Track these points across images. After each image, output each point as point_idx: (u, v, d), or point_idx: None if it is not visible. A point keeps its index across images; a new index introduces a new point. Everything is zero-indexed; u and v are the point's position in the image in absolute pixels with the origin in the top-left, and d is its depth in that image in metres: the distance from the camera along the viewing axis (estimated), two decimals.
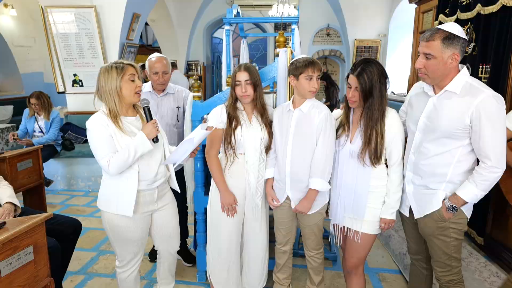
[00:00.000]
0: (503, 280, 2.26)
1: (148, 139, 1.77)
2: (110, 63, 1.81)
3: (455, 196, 1.61)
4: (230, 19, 3.72)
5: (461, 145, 1.60)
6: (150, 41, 10.06)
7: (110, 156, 1.73)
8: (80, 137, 4.91)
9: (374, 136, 1.72)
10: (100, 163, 1.76)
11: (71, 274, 2.69)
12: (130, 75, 1.78)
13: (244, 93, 1.93)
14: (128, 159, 1.73)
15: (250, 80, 1.93)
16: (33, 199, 3.17)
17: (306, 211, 1.95)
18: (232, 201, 2.02)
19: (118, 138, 1.76)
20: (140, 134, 1.78)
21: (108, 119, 1.76)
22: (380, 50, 7.62)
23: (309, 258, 2.12)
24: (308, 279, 2.20)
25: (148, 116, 1.85)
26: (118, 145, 1.76)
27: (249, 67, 1.97)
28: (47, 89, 7.05)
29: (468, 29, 2.99)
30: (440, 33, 1.54)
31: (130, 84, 1.79)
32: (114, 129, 1.76)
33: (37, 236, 1.61)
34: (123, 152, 1.73)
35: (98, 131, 1.75)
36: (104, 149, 1.74)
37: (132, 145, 1.74)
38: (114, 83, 1.75)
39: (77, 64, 4.80)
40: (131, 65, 1.82)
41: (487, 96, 1.50)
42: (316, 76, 1.86)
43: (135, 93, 1.81)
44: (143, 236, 1.95)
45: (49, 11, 4.53)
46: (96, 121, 1.76)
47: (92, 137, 1.77)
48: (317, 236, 2.07)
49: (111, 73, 1.76)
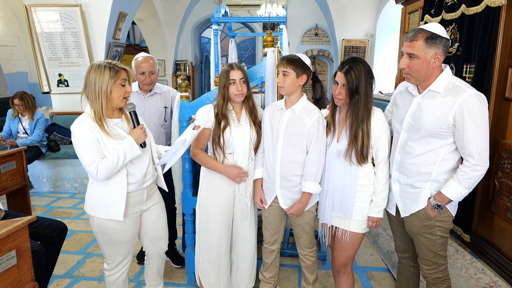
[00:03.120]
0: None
1: (136, 144, 1.74)
2: (102, 61, 1.74)
3: (440, 195, 1.63)
4: (218, 19, 3.71)
5: (445, 144, 1.62)
6: (138, 40, 9.95)
7: (98, 162, 1.68)
8: (65, 138, 4.83)
9: (360, 134, 1.73)
10: (88, 169, 1.70)
11: (57, 278, 2.64)
12: (122, 80, 1.74)
13: (240, 92, 1.94)
14: (117, 165, 1.69)
15: (244, 79, 1.95)
16: (17, 202, 3.10)
17: (299, 213, 1.96)
18: (238, 169, 1.99)
19: (105, 142, 1.71)
20: (128, 139, 1.74)
21: (94, 122, 1.71)
22: (368, 50, 7.69)
23: (302, 256, 2.13)
24: (303, 279, 2.20)
25: (135, 120, 1.81)
26: (105, 149, 1.71)
27: (241, 66, 1.99)
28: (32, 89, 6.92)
29: (452, 29, 3.03)
30: (423, 33, 1.56)
31: (120, 88, 1.74)
32: (100, 133, 1.71)
33: (20, 240, 1.57)
34: (112, 158, 1.68)
35: (84, 136, 1.68)
36: (92, 154, 1.69)
37: (121, 150, 1.70)
38: (105, 85, 1.69)
39: (62, 64, 4.72)
40: (124, 69, 1.76)
41: (469, 95, 1.52)
42: (282, 71, 1.87)
43: (124, 98, 1.77)
44: (133, 237, 1.93)
45: (33, 10, 4.44)
46: (82, 125, 1.69)
47: (78, 142, 1.70)
48: (309, 235, 2.08)
49: (104, 73, 1.69)
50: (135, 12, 5.40)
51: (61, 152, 4.56)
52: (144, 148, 1.81)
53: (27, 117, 4.35)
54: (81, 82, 4.84)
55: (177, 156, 1.86)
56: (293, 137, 1.91)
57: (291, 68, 1.85)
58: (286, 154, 1.93)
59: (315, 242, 2.14)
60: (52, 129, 4.78)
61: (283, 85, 1.88)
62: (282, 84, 1.88)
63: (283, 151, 1.93)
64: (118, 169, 1.72)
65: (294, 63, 1.86)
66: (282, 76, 1.88)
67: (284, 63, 1.86)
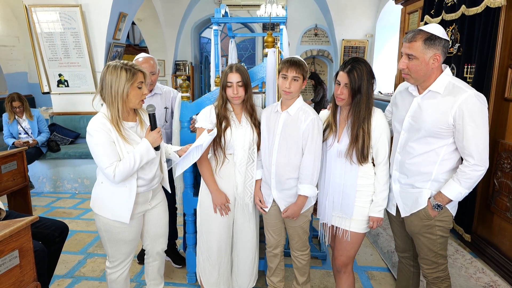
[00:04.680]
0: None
1: (152, 147, 1.75)
2: (118, 62, 1.70)
3: (440, 195, 1.64)
4: (218, 19, 3.71)
5: (445, 144, 1.63)
6: (137, 40, 9.95)
7: (115, 164, 1.67)
8: (66, 138, 4.84)
9: (361, 134, 1.74)
10: (105, 172, 1.68)
11: (58, 278, 2.64)
12: (139, 83, 1.72)
13: (236, 95, 1.93)
14: (134, 168, 1.70)
15: (241, 82, 1.92)
16: (17, 202, 3.10)
17: (295, 216, 1.96)
18: (224, 200, 2.02)
19: (121, 145, 1.71)
20: (144, 141, 1.73)
21: (110, 124, 1.69)
22: (367, 50, 7.70)
23: (294, 258, 2.13)
24: (294, 279, 2.21)
25: (153, 123, 1.80)
26: (120, 152, 1.71)
27: (240, 68, 1.95)
28: (32, 89, 6.92)
29: (453, 29, 3.04)
30: (422, 34, 1.57)
31: (137, 91, 1.72)
32: (116, 136, 1.70)
33: (22, 240, 1.58)
34: (129, 161, 1.68)
35: (101, 137, 1.66)
36: (109, 157, 1.67)
37: (137, 153, 1.70)
38: (122, 87, 1.66)
39: (62, 64, 4.72)
40: (141, 71, 1.74)
41: (469, 95, 1.53)
42: (291, 76, 1.83)
43: (141, 100, 1.77)
44: (136, 236, 1.94)
45: (33, 10, 4.45)
46: (98, 126, 1.67)
47: (94, 144, 1.67)
48: (301, 238, 2.07)
49: (120, 75, 1.66)
50: (135, 12, 5.41)
51: (61, 152, 4.56)
52: (157, 151, 1.82)
53: (25, 117, 4.36)
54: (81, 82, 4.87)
55: (191, 161, 1.88)
56: (289, 139, 1.91)
57: (300, 73, 1.83)
58: (281, 157, 1.92)
59: (309, 246, 2.13)
60: (52, 129, 4.79)
61: (292, 90, 1.84)
62: (292, 89, 1.84)
63: (279, 153, 1.92)
64: (134, 171, 1.72)
65: (302, 68, 1.84)
66: (291, 81, 1.83)
67: (294, 68, 1.82)
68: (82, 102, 4.86)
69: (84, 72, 4.73)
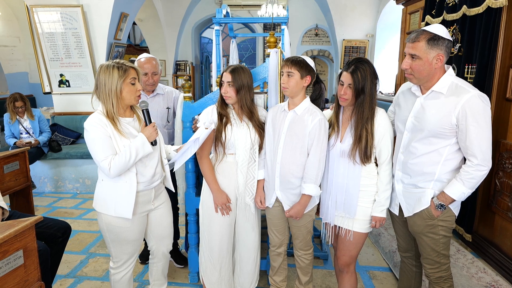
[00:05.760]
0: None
1: (148, 141, 1.77)
2: (110, 61, 1.76)
3: (443, 194, 1.65)
4: (220, 19, 3.72)
5: (448, 144, 1.63)
6: (138, 40, 9.96)
7: (111, 158, 1.71)
8: (67, 138, 4.84)
9: (364, 134, 1.74)
10: (100, 165, 1.72)
11: (60, 277, 2.65)
12: (132, 79, 1.76)
13: (225, 94, 1.97)
14: (129, 161, 1.72)
15: (232, 83, 1.94)
16: (20, 202, 3.11)
17: (299, 215, 1.96)
18: (225, 200, 2.02)
19: (117, 139, 1.74)
20: (140, 136, 1.76)
21: (107, 120, 1.74)
22: (368, 50, 7.71)
23: (297, 257, 2.14)
24: (297, 279, 2.21)
25: (147, 118, 1.83)
26: (116, 146, 1.74)
27: (236, 70, 1.96)
28: (33, 89, 6.94)
29: (454, 30, 3.05)
30: (425, 34, 1.57)
31: (131, 87, 1.76)
32: (112, 130, 1.73)
33: (27, 240, 1.58)
34: (124, 155, 1.71)
35: (97, 132, 1.71)
36: (104, 151, 1.71)
37: (133, 147, 1.72)
38: (114, 84, 1.72)
39: (63, 64, 4.72)
40: (133, 68, 1.78)
41: (472, 95, 1.54)
42: (285, 72, 1.88)
43: (136, 96, 1.80)
44: (140, 236, 1.95)
45: (34, 10, 4.45)
46: (95, 121, 1.72)
47: (90, 138, 1.72)
48: (305, 238, 2.08)
49: (113, 73, 1.71)
50: (136, 12, 5.41)
51: (63, 152, 4.56)
52: (154, 146, 1.83)
53: (26, 117, 4.36)
54: (82, 83, 4.87)
55: (188, 155, 1.89)
56: (294, 138, 1.92)
57: (295, 69, 1.86)
58: (286, 156, 1.93)
59: (312, 245, 2.14)
60: (54, 129, 4.79)
61: (287, 85, 1.88)
62: (286, 84, 1.88)
63: (284, 152, 1.93)
64: (130, 166, 1.75)
65: (298, 64, 1.87)
66: (286, 77, 1.88)
67: (288, 64, 1.87)
68: (83, 102, 4.87)
69: (85, 72, 4.74)
